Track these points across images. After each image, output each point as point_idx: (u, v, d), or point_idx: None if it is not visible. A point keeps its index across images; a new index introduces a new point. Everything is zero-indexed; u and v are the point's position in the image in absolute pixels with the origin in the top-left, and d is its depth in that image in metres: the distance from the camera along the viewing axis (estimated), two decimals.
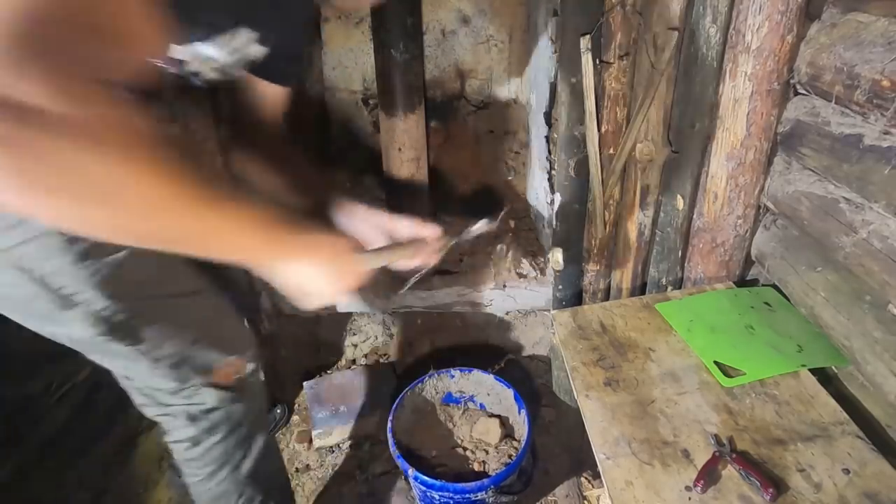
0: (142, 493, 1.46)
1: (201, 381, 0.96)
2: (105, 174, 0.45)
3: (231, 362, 1.00)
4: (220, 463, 1.04)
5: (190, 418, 0.97)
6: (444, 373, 1.51)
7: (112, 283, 0.79)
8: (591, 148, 1.22)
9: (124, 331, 0.84)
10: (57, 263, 0.75)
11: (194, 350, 0.94)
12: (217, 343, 0.98)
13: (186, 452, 1.02)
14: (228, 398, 0.99)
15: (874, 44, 0.80)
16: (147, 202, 0.49)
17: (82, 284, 0.77)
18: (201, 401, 0.97)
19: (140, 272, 0.84)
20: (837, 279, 0.95)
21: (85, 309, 0.79)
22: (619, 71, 1.13)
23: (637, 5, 1.07)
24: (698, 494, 0.78)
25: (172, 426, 1.00)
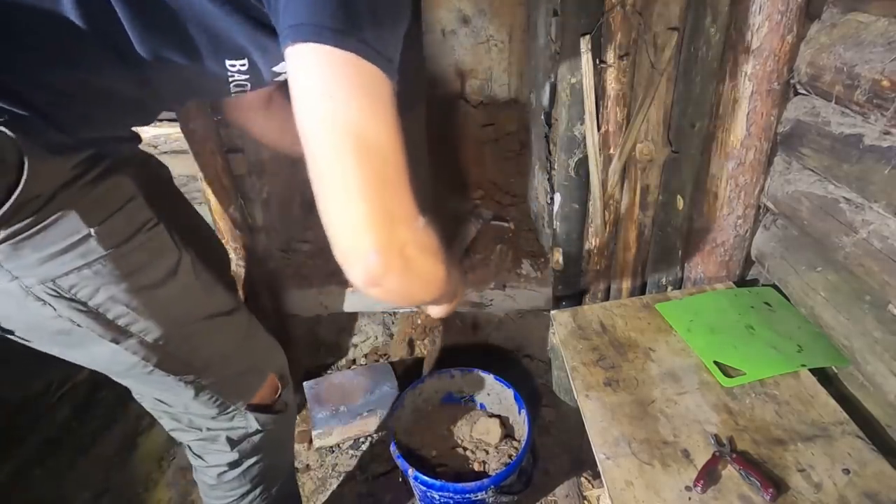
0: (142, 493, 1.46)
1: (243, 403, 0.92)
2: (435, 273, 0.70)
3: (270, 380, 0.97)
4: (256, 483, 1.00)
5: (231, 443, 0.93)
6: (444, 373, 1.51)
7: (166, 309, 0.77)
8: (591, 148, 1.22)
9: (173, 360, 0.80)
10: (112, 292, 0.71)
11: (235, 372, 0.90)
12: (256, 362, 0.95)
13: (222, 476, 0.97)
14: (271, 420, 0.95)
15: (874, 44, 0.80)
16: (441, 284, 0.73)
17: (137, 314, 0.74)
18: (243, 424, 0.93)
19: (189, 295, 0.82)
20: (837, 279, 0.95)
21: (137, 339, 0.75)
22: (619, 71, 1.13)
23: (637, 5, 1.07)
24: (698, 494, 0.78)
25: (209, 451, 0.95)
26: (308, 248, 1.81)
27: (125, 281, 0.71)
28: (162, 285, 0.76)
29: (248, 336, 0.94)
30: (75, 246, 0.67)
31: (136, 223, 0.74)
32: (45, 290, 0.67)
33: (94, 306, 0.71)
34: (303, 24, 0.55)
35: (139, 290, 0.73)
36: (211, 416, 0.90)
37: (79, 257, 0.67)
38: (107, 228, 0.69)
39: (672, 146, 1.18)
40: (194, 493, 1.45)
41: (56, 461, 1.51)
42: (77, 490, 1.45)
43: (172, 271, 0.78)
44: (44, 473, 1.47)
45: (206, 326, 0.84)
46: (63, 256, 0.66)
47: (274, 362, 0.99)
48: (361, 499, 1.44)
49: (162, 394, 0.87)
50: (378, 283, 0.62)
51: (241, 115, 1.06)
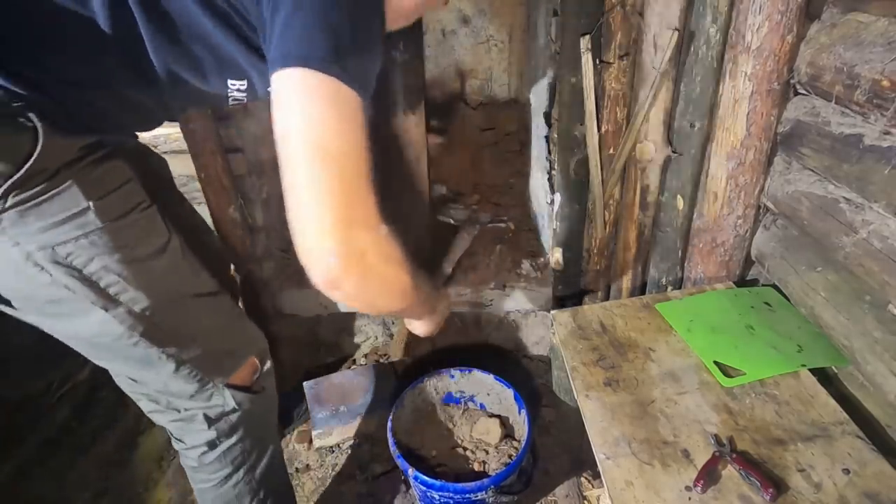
0: (142, 493, 1.46)
1: (221, 381, 0.95)
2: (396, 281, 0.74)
3: (250, 362, 1.00)
4: (238, 465, 1.03)
5: (208, 421, 0.96)
6: (444, 373, 1.51)
7: (154, 283, 0.82)
8: (591, 148, 1.22)
9: (158, 332, 0.85)
10: (106, 261, 0.77)
11: (217, 350, 0.94)
12: (237, 342, 0.99)
13: (203, 457, 1.00)
14: (247, 399, 0.99)
15: (874, 44, 0.80)
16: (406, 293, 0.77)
17: (127, 283, 0.79)
18: (220, 402, 0.96)
19: (176, 273, 0.87)
20: (837, 279, 0.95)
21: (126, 308, 0.80)
22: (619, 71, 1.13)
23: (637, 5, 1.07)
24: (698, 494, 0.78)
25: (187, 431, 0.98)
26: None
27: (118, 252, 0.78)
28: (151, 259, 0.83)
29: (230, 318, 1.00)
30: (75, 217, 0.73)
31: (130, 202, 0.81)
32: (44, 256, 0.73)
33: (88, 274, 0.76)
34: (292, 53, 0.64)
35: (130, 262, 0.79)
36: (189, 395, 0.93)
37: (77, 228, 0.74)
38: (104, 204, 0.76)
39: (672, 146, 1.18)
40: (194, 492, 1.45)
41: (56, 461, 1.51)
42: (77, 490, 1.45)
43: (161, 249, 0.84)
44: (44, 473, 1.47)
45: (191, 303, 0.90)
46: (63, 226, 0.72)
47: (254, 345, 1.03)
48: (361, 499, 1.44)
49: (142, 371, 0.90)
50: (337, 285, 0.68)
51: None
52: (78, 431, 1.59)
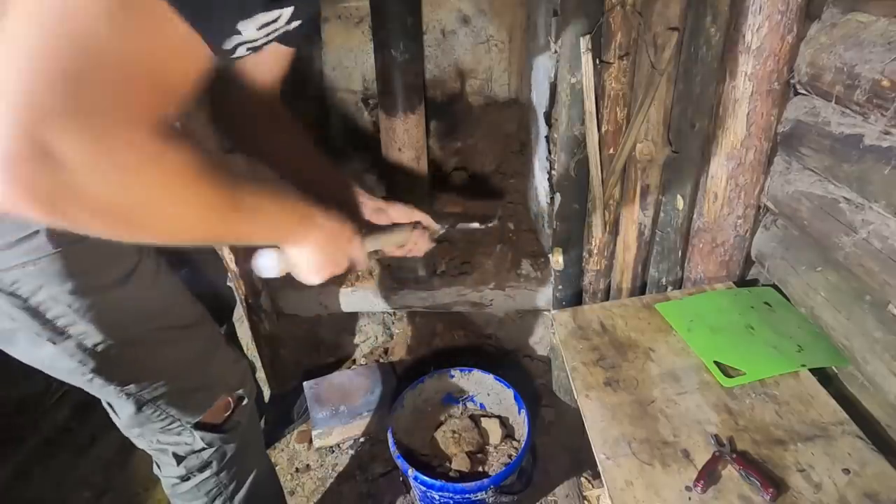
0: (142, 493, 1.46)
1: (189, 421, 0.89)
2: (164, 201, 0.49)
3: (222, 400, 0.94)
4: (212, 497, 0.98)
5: (177, 458, 0.92)
6: (444, 373, 1.51)
7: (110, 315, 0.75)
8: (591, 148, 1.22)
9: (114, 369, 0.78)
10: (54, 291, 0.70)
11: (185, 388, 0.87)
12: (209, 379, 0.92)
13: (175, 488, 0.97)
14: (217, 439, 0.93)
15: (874, 44, 0.80)
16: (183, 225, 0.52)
17: (78, 316, 0.72)
18: (189, 440, 0.91)
19: (141, 304, 0.79)
20: (837, 279, 0.95)
21: (75, 342, 0.74)
22: (619, 71, 1.13)
23: (637, 5, 1.07)
24: (698, 494, 0.78)
25: (161, 461, 0.95)
26: None
27: (70, 281, 0.70)
28: (111, 289, 0.74)
29: (204, 353, 0.91)
30: (23, 241, 0.66)
31: None
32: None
33: (35, 304, 0.70)
34: None
35: (84, 292, 0.72)
36: (158, 429, 0.88)
37: (25, 253, 0.66)
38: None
39: (672, 146, 1.18)
40: None
41: (56, 461, 1.51)
42: (77, 490, 1.45)
43: (125, 277, 0.76)
44: (44, 473, 1.47)
45: (155, 337, 0.81)
46: (9, 251, 0.65)
47: (229, 382, 0.95)
48: (361, 499, 1.44)
49: (109, 403, 0.85)
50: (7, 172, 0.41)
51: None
52: (77, 432, 1.59)
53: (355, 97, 2.04)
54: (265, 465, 1.12)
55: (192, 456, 0.93)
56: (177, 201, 0.49)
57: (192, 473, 0.94)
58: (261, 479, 1.07)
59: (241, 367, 0.99)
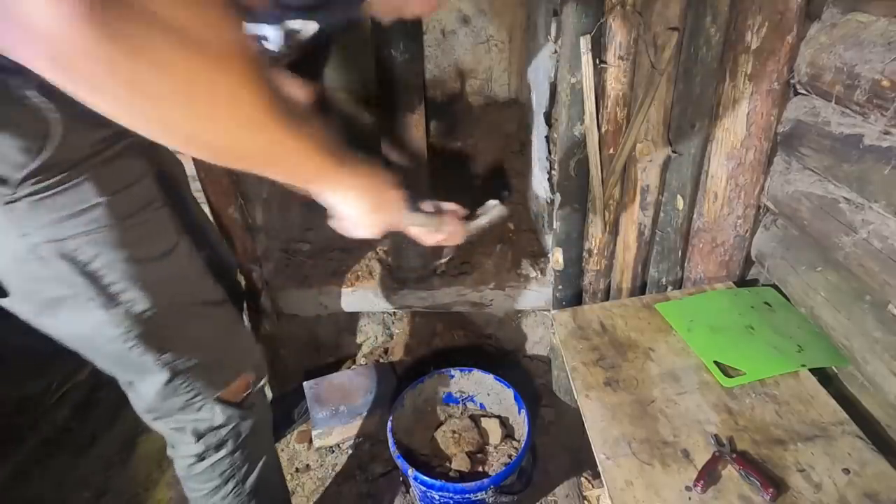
0: (142, 493, 1.46)
1: (212, 396, 0.93)
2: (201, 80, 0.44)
3: (244, 377, 0.98)
4: (226, 478, 1.01)
5: (196, 435, 0.95)
6: (444, 373, 1.51)
7: (156, 286, 0.80)
8: (591, 148, 1.22)
9: (155, 337, 0.83)
10: (110, 258, 0.76)
11: (212, 362, 0.92)
12: (232, 357, 0.97)
13: (191, 468, 0.99)
14: (237, 415, 0.97)
15: (874, 44, 0.80)
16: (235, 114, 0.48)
17: (130, 283, 0.78)
18: (209, 417, 0.95)
19: (180, 278, 0.85)
20: (837, 279, 0.95)
21: (124, 309, 0.79)
22: (619, 71, 1.13)
23: (637, 5, 1.07)
24: (698, 494, 0.78)
25: (178, 440, 0.97)
26: (308, 248, 1.81)
27: (124, 251, 0.76)
28: (157, 261, 0.81)
29: (230, 331, 0.97)
30: (86, 212, 0.72)
31: (142, 201, 0.79)
32: (49, 250, 0.71)
33: (92, 270, 0.75)
34: None
35: (135, 262, 0.78)
36: (178, 407, 0.92)
37: (87, 223, 0.72)
38: (116, 200, 0.75)
39: (672, 146, 1.18)
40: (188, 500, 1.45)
41: (56, 461, 1.51)
42: (77, 490, 1.45)
43: (168, 252, 0.83)
44: (43, 473, 1.47)
45: (192, 310, 0.88)
46: (73, 220, 0.71)
47: (250, 361, 1.01)
48: (361, 499, 1.44)
49: (136, 378, 0.88)
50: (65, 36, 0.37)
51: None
52: (77, 432, 1.59)
53: (355, 97, 2.04)
54: (273, 454, 1.16)
55: (210, 434, 0.96)
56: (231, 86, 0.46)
57: (209, 452, 0.98)
58: (269, 466, 1.11)
59: (258, 348, 1.05)
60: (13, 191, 0.66)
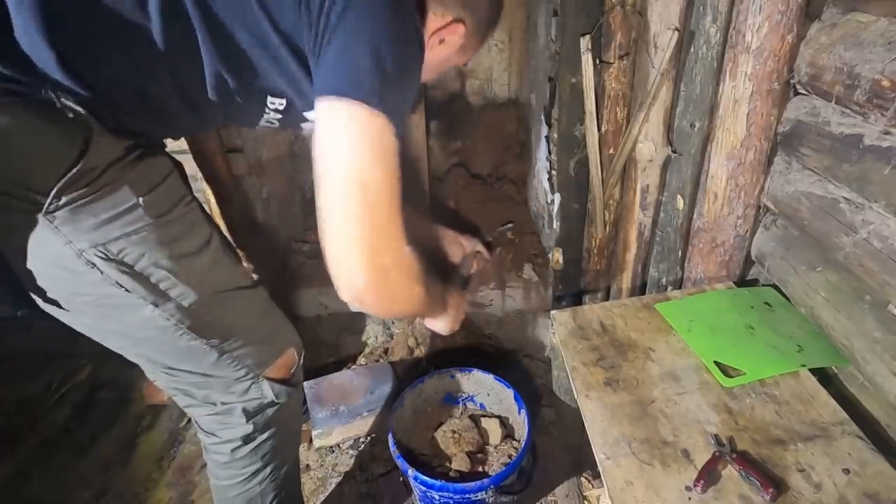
0: (142, 493, 1.46)
1: (261, 372, 0.96)
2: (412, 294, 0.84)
3: (288, 354, 1.01)
4: (267, 461, 1.03)
5: (247, 415, 0.97)
6: (444, 373, 1.51)
7: (200, 278, 0.84)
8: (591, 148, 1.22)
9: (204, 325, 0.86)
10: (156, 257, 0.78)
11: (257, 341, 0.95)
12: (275, 334, 1.00)
13: (235, 452, 1.00)
14: (284, 391, 1.00)
15: (874, 44, 0.80)
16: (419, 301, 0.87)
17: (177, 279, 0.81)
18: (259, 395, 0.97)
19: (218, 268, 0.89)
20: (837, 279, 0.95)
21: (175, 304, 0.82)
22: (619, 71, 1.13)
23: (637, 5, 1.07)
24: (698, 494, 0.78)
25: (223, 425, 0.98)
26: (308, 248, 1.81)
27: (167, 248, 0.79)
28: (198, 254, 0.84)
29: (267, 311, 1.01)
30: (125, 213, 0.75)
31: (175, 196, 0.83)
32: (95, 254, 0.74)
33: (140, 270, 0.78)
34: (344, 84, 0.68)
35: (179, 258, 0.81)
36: (227, 388, 0.94)
37: (128, 224, 0.75)
38: (152, 199, 0.77)
39: (672, 146, 1.18)
40: (194, 492, 1.45)
41: (56, 461, 1.51)
42: (77, 490, 1.45)
43: (206, 242, 0.86)
44: (43, 473, 1.47)
45: (233, 296, 0.91)
46: (114, 223, 0.74)
47: (290, 338, 1.04)
48: (361, 499, 1.44)
49: (182, 362, 0.90)
50: (362, 301, 0.76)
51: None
52: (77, 432, 1.59)
53: None
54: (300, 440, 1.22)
55: (260, 413, 0.98)
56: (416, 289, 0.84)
57: (256, 433, 1.00)
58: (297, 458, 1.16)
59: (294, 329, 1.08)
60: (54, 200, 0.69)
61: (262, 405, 0.98)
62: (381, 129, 0.70)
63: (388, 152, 0.71)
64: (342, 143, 0.69)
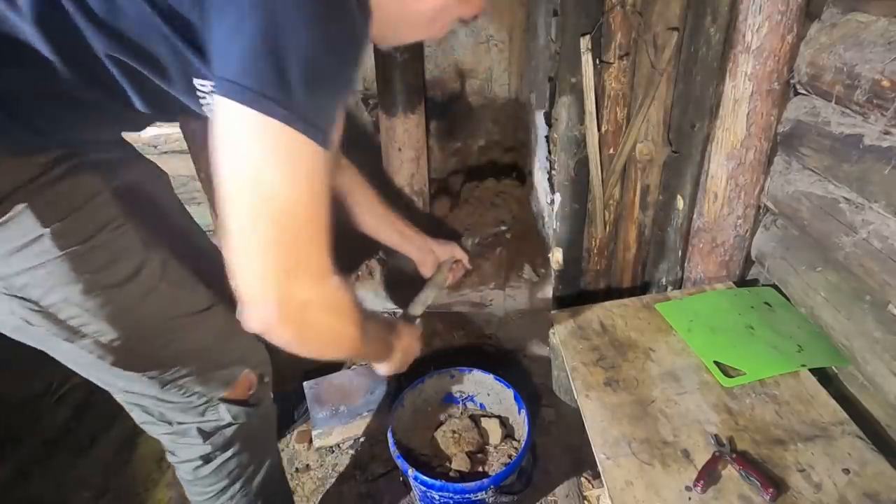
0: (142, 493, 1.46)
1: (215, 398, 0.91)
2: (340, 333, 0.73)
3: (246, 376, 0.95)
4: (234, 478, 0.99)
5: (203, 435, 0.92)
6: (444, 373, 1.51)
7: (123, 312, 0.76)
8: (591, 148, 1.22)
9: (134, 359, 0.80)
10: (66, 293, 0.70)
11: (207, 368, 0.89)
12: (231, 357, 0.93)
13: (197, 471, 0.96)
14: (243, 412, 0.95)
15: (874, 44, 0.80)
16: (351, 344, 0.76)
17: (91, 315, 0.73)
18: (215, 417, 0.92)
19: (155, 297, 0.80)
20: (837, 279, 0.95)
21: (92, 340, 0.75)
22: (619, 71, 1.13)
23: (637, 5, 1.07)
24: (698, 494, 0.78)
25: (180, 444, 0.94)
26: None
27: (80, 282, 0.70)
28: (121, 286, 0.75)
29: (223, 334, 0.91)
30: (29, 245, 0.66)
31: (97, 223, 0.72)
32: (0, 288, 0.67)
33: (46, 306, 0.70)
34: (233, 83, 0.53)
35: (94, 291, 0.72)
36: (181, 409, 0.89)
37: (32, 257, 0.67)
38: (63, 228, 0.68)
39: (672, 146, 1.18)
40: None
41: (55, 461, 1.51)
42: (77, 490, 1.45)
43: (134, 273, 0.76)
44: (43, 474, 1.47)
45: (175, 324, 0.83)
46: (16, 255, 0.66)
47: (250, 360, 0.97)
48: (361, 499, 1.44)
49: (130, 385, 0.85)
50: (272, 334, 0.65)
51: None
52: (77, 432, 1.59)
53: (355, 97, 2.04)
54: (277, 452, 1.15)
55: (217, 434, 0.93)
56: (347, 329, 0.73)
57: (216, 453, 0.95)
58: (274, 464, 1.10)
59: (260, 345, 1.00)
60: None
61: (218, 426, 0.92)
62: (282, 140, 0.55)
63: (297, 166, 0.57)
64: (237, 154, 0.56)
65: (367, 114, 2.06)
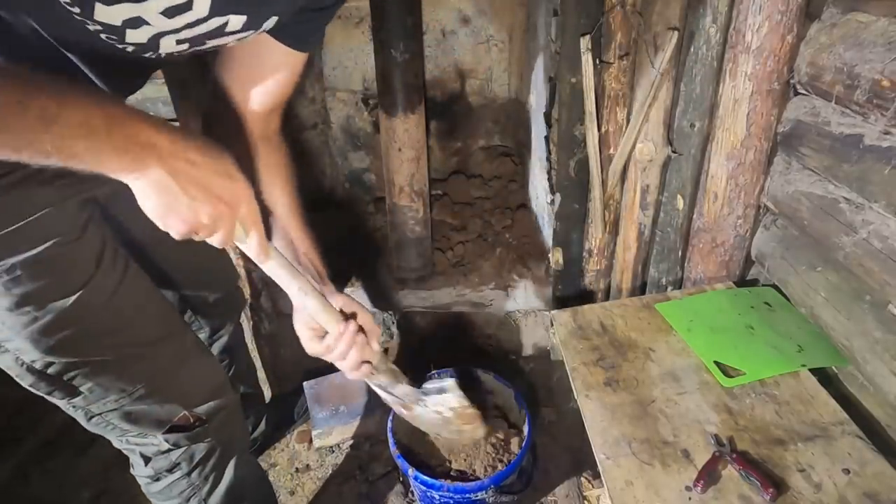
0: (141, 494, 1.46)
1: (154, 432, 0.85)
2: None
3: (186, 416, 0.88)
4: (186, 497, 0.94)
5: (144, 459, 0.88)
6: (444, 373, 1.51)
7: (51, 332, 0.70)
8: (591, 148, 1.22)
9: (57, 384, 0.75)
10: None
11: (141, 405, 0.81)
12: (170, 397, 0.85)
13: (147, 487, 0.94)
14: (184, 438, 0.88)
15: (874, 44, 0.80)
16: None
17: (13, 333, 0.69)
18: (155, 443, 0.86)
19: (91, 321, 0.74)
20: (837, 279, 0.95)
21: (13, 356, 0.71)
22: (619, 71, 1.13)
23: (637, 5, 1.07)
24: (698, 494, 0.78)
25: (133, 461, 0.92)
26: None
27: (5, 298, 0.67)
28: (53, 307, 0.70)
29: (167, 370, 0.84)
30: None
31: (35, 239, 0.67)
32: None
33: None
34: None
35: (19, 309, 0.68)
36: (115, 436, 0.85)
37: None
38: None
39: (672, 146, 1.18)
40: None
41: (55, 461, 1.51)
42: (76, 490, 1.45)
43: (71, 291, 0.71)
44: (43, 473, 1.47)
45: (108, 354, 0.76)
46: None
47: (193, 399, 0.88)
48: (361, 499, 1.44)
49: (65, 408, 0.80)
50: None
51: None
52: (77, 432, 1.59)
53: (355, 97, 2.04)
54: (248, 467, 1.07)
55: (159, 457, 0.88)
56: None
57: (162, 474, 0.91)
58: (242, 478, 1.02)
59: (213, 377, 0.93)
60: None
61: (158, 451, 0.87)
62: None
63: None
64: None
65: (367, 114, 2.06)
